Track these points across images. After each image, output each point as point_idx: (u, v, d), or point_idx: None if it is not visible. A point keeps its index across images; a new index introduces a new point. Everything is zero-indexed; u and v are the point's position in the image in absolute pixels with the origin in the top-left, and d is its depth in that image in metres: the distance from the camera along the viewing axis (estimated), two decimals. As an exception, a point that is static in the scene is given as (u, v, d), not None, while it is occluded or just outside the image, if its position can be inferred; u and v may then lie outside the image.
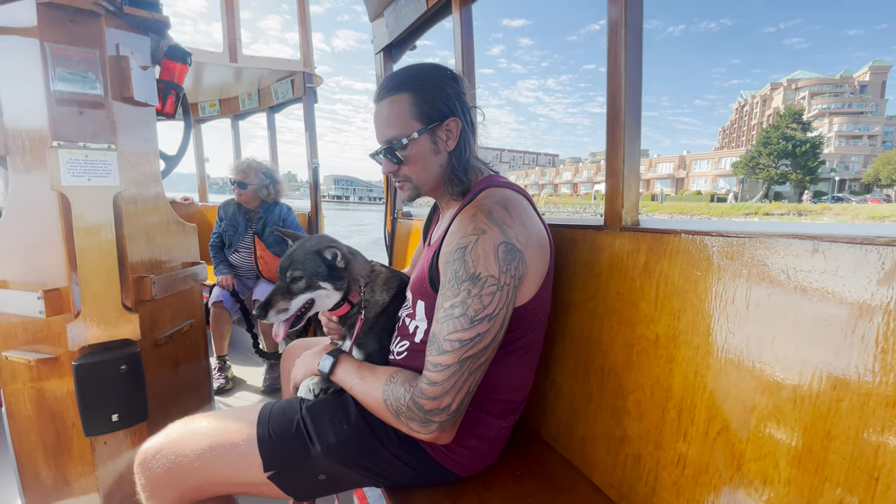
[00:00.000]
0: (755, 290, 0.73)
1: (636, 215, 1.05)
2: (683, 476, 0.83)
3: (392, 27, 2.08)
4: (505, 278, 0.81)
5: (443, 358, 0.80)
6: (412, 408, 0.82)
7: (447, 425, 0.83)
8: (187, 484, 0.89)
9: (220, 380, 2.55)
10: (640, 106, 1.03)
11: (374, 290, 1.09)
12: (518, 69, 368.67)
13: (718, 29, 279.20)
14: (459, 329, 0.80)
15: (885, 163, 54.11)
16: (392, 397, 0.85)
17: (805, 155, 47.25)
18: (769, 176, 49.10)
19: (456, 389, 0.81)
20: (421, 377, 0.84)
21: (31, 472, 1.34)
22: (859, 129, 70.80)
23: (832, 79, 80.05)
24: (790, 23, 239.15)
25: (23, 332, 1.25)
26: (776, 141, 48.13)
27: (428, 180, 0.99)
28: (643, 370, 0.93)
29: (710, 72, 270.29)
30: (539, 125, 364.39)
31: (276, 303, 1.00)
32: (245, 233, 2.67)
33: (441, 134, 0.95)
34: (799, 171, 48.12)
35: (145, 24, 1.31)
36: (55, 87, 1.09)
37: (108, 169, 1.16)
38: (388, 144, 0.95)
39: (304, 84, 2.96)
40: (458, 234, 0.85)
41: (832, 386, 0.62)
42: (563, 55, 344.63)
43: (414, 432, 0.85)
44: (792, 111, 50.04)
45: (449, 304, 0.82)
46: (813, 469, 0.64)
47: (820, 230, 0.66)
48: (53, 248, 1.16)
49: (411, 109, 0.93)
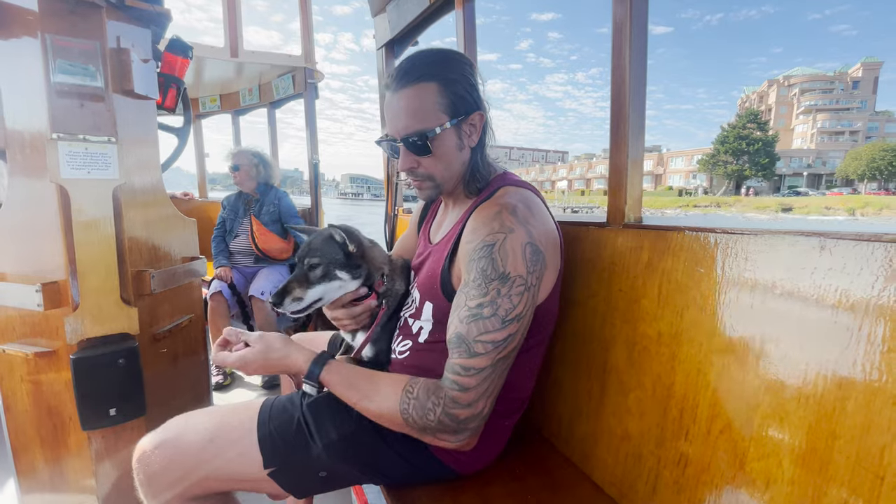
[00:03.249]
0: (759, 288, 0.72)
1: (639, 212, 1.05)
2: (685, 475, 0.82)
3: (394, 23, 2.08)
4: (532, 279, 0.80)
5: (475, 361, 0.77)
6: (444, 421, 0.78)
7: (478, 430, 0.82)
8: (186, 480, 0.88)
9: (217, 376, 2.55)
10: (644, 103, 1.03)
11: (394, 279, 1.07)
12: (546, 63, 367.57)
13: (759, 17, 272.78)
14: (491, 330, 0.77)
15: (853, 158, 57.25)
16: (416, 414, 0.79)
17: (758, 153, 52.03)
18: (727, 172, 53.71)
19: (488, 393, 0.79)
20: (446, 384, 0.79)
21: (28, 466, 1.34)
22: (842, 125, 72.96)
23: (825, 75, 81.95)
24: (837, 9, 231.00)
25: (21, 325, 1.24)
26: (732, 140, 52.67)
27: (451, 178, 0.94)
28: (645, 368, 0.92)
29: (749, 62, 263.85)
30: (568, 120, 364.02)
31: (293, 290, 0.97)
32: (244, 216, 2.81)
33: (466, 128, 0.91)
34: (753, 167, 52.76)
35: (147, 17, 1.30)
36: (55, 79, 1.08)
37: (108, 162, 1.15)
38: (412, 136, 0.88)
39: (305, 80, 2.95)
40: (483, 231, 0.82)
41: (837, 384, 0.62)
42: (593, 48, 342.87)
43: (442, 442, 0.82)
44: (750, 112, 54.61)
45: (476, 304, 0.78)
46: (817, 468, 0.63)
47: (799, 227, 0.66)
48: (52, 241, 1.15)
49: (439, 100, 0.87)
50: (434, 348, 0.93)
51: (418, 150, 0.89)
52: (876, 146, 57.54)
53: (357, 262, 1.00)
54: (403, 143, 0.89)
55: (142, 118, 1.33)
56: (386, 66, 2.25)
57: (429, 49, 0.92)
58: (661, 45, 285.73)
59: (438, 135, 0.87)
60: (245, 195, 2.84)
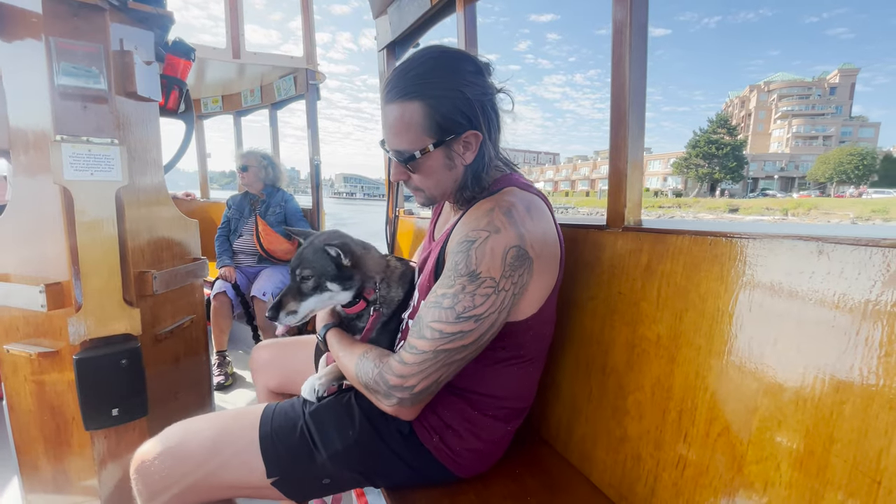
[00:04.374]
0: (758, 292, 0.72)
1: (639, 215, 1.05)
2: (683, 477, 0.83)
3: (395, 24, 2.08)
4: (505, 283, 0.78)
5: (420, 343, 0.80)
6: (378, 381, 0.83)
7: (407, 403, 0.83)
8: (187, 489, 0.87)
9: (219, 376, 2.55)
10: (644, 106, 1.03)
11: (389, 286, 1.04)
12: (545, 64, 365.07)
13: (757, 19, 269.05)
14: (443, 320, 0.78)
15: (822, 162, 60.57)
16: (362, 371, 0.87)
17: (726, 156, 55.47)
18: (698, 174, 57.31)
19: (423, 375, 0.80)
20: (395, 354, 0.84)
21: (31, 466, 1.35)
22: (816, 130, 76.36)
23: (803, 81, 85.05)
24: (835, 12, 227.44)
25: (24, 326, 1.25)
26: (703, 144, 56.04)
27: (443, 193, 0.93)
28: (644, 370, 0.93)
29: (746, 64, 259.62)
30: (566, 121, 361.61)
31: (287, 304, 0.97)
32: (249, 216, 2.84)
33: (458, 147, 0.86)
34: (722, 170, 56.14)
35: (149, 19, 1.31)
36: (59, 82, 1.09)
37: (111, 164, 1.16)
38: (397, 156, 0.87)
39: (306, 81, 2.96)
40: (470, 226, 0.81)
41: (835, 388, 0.62)
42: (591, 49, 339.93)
43: (378, 403, 0.86)
44: (720, 118, 57.67)
45: (441, 293, 0.80)
46: (815, 472, 0.64)
47: (815, 231, 0.66)
48: (55, 242, 1.16)
49: (423, 123, 0.82)
50: None
51: (404, 167, 0.89)
52: (844, 150, 60.67)
53: (349, 273, 0.98)
54: (393, 155, 0.88)
55: (145, 120, 1.34)
56: (387, 67, 2.25)
57: (426, 54, 0.85)
58: (660, 48, 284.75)
59: (421, 158, 0.85)
60: (251, 195, 2.86)
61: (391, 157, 0.90)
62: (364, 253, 1.02)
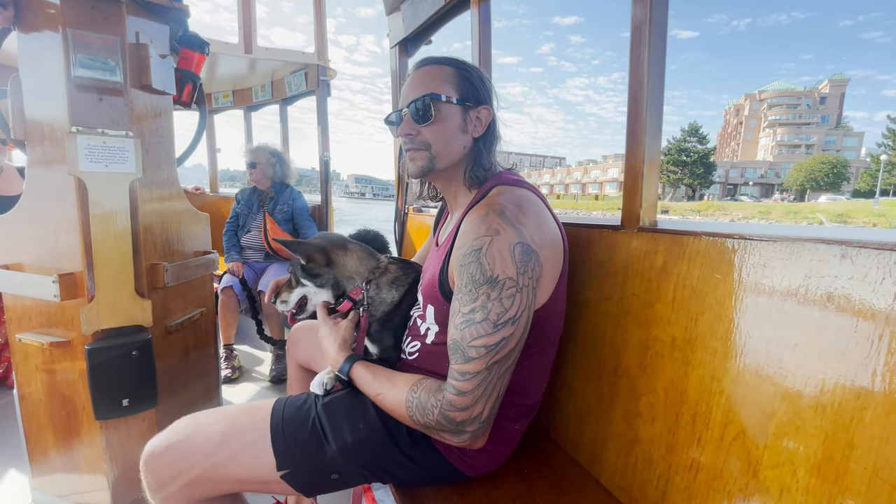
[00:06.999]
0: (778, 295, 0.71)
1: (654, 216, 1.04)
2: (696, 481, 0.82)
3: (408, 21, 2.08)
4: (523, 280, 0.79)
5: (469, 366, 0.78)
6: (442, 421, 0.79)
7: (480, 433, 0.82)
8: (196, 482, 0.87)
9: (226, 369, 2.57)
10: (661, 105, 1.02)
11: (379, 287, 1.05)
12: (568, 67, 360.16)
13: (789, 22, 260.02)
14: (483, 335, 0.77)
15: (796, 169, 62.93)
16: (419, 412, 0.82)
17: (695, 163, 58.63)
18: (670, 180, 60.40)
19: (486, 396, 0.79)
20: (447, 387, 0.80)
21: (41, 454, 1.36)
22: (800, 138, 78.17)
23: (795, 90, 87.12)
24: (870, 15, 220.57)
25: (37, 315, 1.26)
26: (674, 152, 58.83)
27: (447, 154, 0.94)
28: (657, 373, 0.92)
29: (778, 68, 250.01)
30: (588, 124, 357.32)
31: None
32: (258, 212, 2.84)
33: (472, 116, 0.94)
34: (690, 176, 59.33)
35: (165, 13, 1.31)
36: (76, 73, 1.10)
37: (126, 156, 1.17)
38: (419, 100, 0.91)
39: (317, 77, 2.96)
40: (471, 236, 0.82)
41: (856, 394, 0.61)
42: (616, 52, 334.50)
43: (446, 440, 0.83)
44: (692, 127, 59.96)
45: (468, 310, 0.79)
46: (833, 478, 0.63)
47: (839, 235, 0.65)
48: (69, 233, 1.17)
49: (453, 80, 0.93)
50: (441, 350, 0.92)
51: (422, 116, 0.92)
52: (816, 159, 63.32)
53: (317, 270, 1.04)
54: (409, 108, 0.93)
55: (158, 113, 1.35)
56: (399, 64, 2.25)
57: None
58: (686, 50, 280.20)
59: (444, 103, 0.91)
60: (260, 191, 2.86)
61: (407, 110, 0.93)
62: (341, 253, 1.06)
